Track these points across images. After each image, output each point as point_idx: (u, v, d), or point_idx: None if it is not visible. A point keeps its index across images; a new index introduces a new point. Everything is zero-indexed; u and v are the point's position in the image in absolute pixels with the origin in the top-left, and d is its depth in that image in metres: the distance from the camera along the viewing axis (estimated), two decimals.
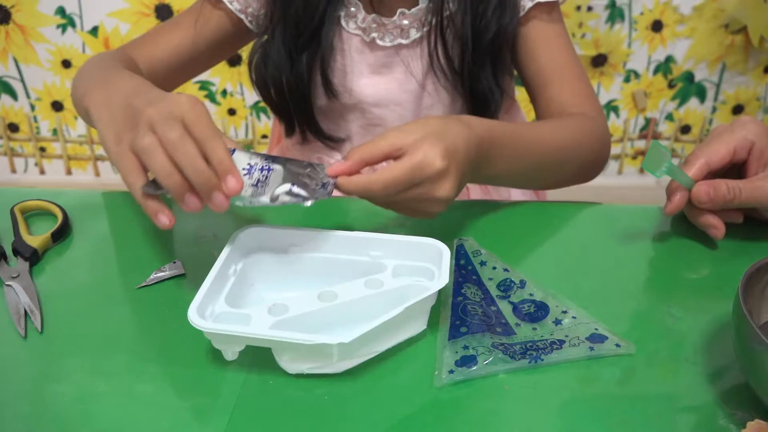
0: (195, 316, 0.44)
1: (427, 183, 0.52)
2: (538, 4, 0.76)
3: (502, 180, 0.69)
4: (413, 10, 0.77)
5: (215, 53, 0.83)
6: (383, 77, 0.80)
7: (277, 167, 0.51)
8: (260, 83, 0.80)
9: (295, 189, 0.51)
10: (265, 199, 0.50)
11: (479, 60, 0.76)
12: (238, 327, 0.44)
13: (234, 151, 0.50)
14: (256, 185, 0.50)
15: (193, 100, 0.49)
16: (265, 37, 0.78)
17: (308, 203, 0.51)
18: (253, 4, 0.78)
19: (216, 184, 0.47)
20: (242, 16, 0.79)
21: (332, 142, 0.84)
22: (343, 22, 0.78)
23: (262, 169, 0.51)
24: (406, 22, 0.77)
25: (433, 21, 0.75)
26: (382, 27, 0.77)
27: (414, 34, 0.78)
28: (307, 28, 0.75)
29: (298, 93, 0.78)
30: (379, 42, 0.78)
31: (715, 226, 0.58)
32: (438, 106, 0.82)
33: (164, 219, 0.48)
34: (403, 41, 0.78)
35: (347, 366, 0.45)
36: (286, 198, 0.50)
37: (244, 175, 0.50)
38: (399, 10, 0.76)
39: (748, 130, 0.58)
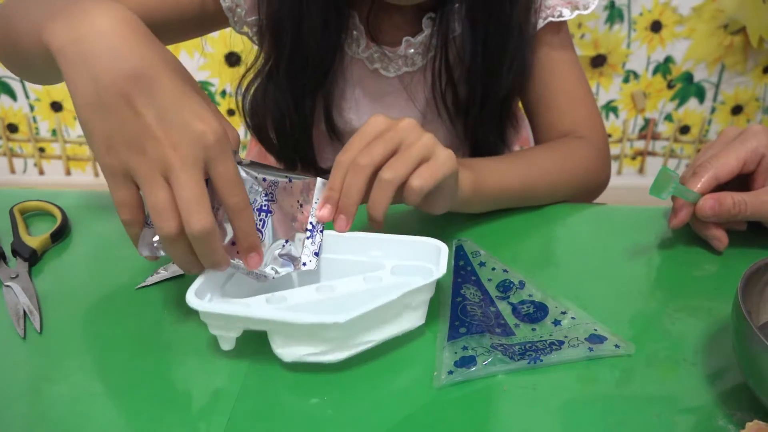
0: (193, 297, 0.44)
1: (396, 130, 0.51)
2: (548, 24, 0.72)
3: (488, 209, 0.66)
4: (419, 37, 0.73)
5: (188, 29, 0.75)
6: (384, 106, 0.77)
7: (275, 206, 0.50)
8: (258, 125, 0.75)
9: (287, 248, 0.50)
10: (262, 272, 0.49)
11: (488, 114, 0.74)
12: (234, 308, 0.45)
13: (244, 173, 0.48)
14: None
15: (217, 130, 0.42)
16: (253, 70, 0.73)
17: (299, 269, 0.50)
18: (244, 5, 0.73)
19: (228, 263, 0.46)
20: (229, 15, 0.73)
21: (329, 173, 0.82)
22: (345, 46, 0.73)
23: (260, 210, 0.49)
24: (411, 50, 0.73)
25: (438, 46, 0.71)
26: (385, 57, 0.74)
27: (419, 62, 0.74)
28: (318, 68, 0.70)
29: (303, 135, 0.75)
30: (382, 72, 0.75)
31: (719, 238, 0.58)
32: (438, 135, 0.79)
33: (152, 258, 0.49)
34: (408, 69, 0.75)
35: (344, 356, 0.45)
36: (277, 268, 0.49)
37: None
38: (404, 39, 0.73)
39: (760, 141, 0.56)
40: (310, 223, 0.51)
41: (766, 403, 0.41)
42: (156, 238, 0.46)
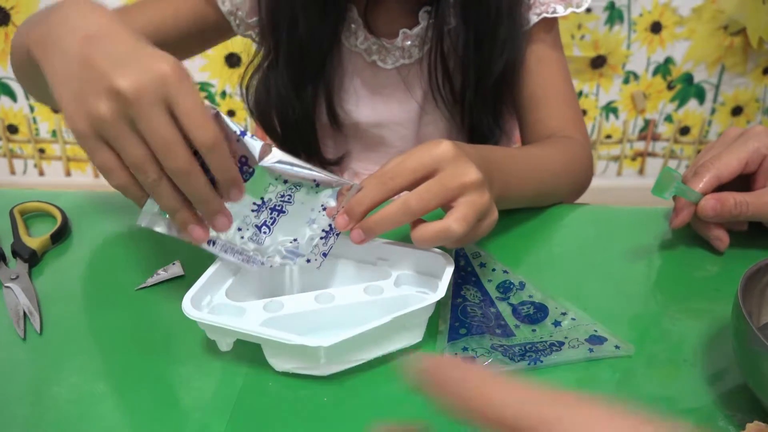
0: (188, 305, 0.45)
1: (443, 165, 0.47)
2: (541, 20, 0.73)
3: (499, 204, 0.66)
4: (415, 29, 0.74)
5: (192, 44, 0.77)
6: (383, 98, 0.79)
7: (290, 207, 0.49)
8: (262, 115, 0.77)
9: (294, 244, 0.49)
10: (255, 263, 0.49)
11: (481, 97, 0.74)
12: (227, 320, 0.44)
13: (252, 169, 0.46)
14: (259, 228, 0.48)
15: (175, 66, 0.41)
16: (257, 59, 0.76)
17: (302, 263, 0.50)
18: (244, 7, 0.75)
19: (221, 207, 0.45)
20: (230, 19, 0.75)
21: (332, 166, 0.83)
22: (343, 39, 0.75)
23: (273, 209, 0.48)
24: (408, 42, 0.75)
25: (434, 38, 0.73)
26: (383, 49, 0.76)
27: (416, 54, 0.76)
28: (316, 56, 0.72)
29: (306, 124, 0.76)
30: (380, 64, 0.76)
31: (720, 238, 0.58)
32: (437, 125, 0.80)
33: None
34: (406, 61, 0.76)
35: (334, 370, 0.45)
36: (277, 261, 0.49)
37: (252, 211, 0.48)
38: (401, 31, 0.74)
39: (761, 142, 0.56)
40: (329, 225, 0.50)
41: (766, 405, 0.41)
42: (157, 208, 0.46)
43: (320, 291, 0.49)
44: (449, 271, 0.49)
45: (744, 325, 0.40)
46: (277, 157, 0.46)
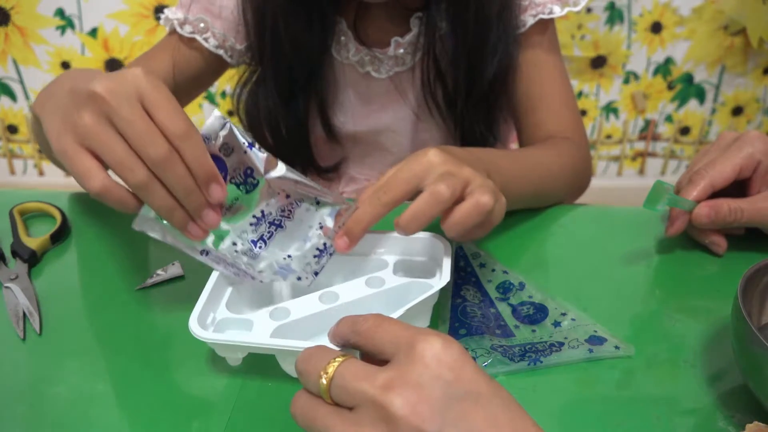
0: (196, 326, 0.44)
1: (433, 172, 0.48)
2: (537, 22, 0.73)
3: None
4: (407, 37, 0.74)
5: (195, 87, 0.79)
6: (377, 106, 0.78)
7: (289, 223, 0.48)
8: (253, 127, 0.77)
9: (287, 261, 0.49)
10: (246, 277, 0.48)
11: (474, 103, 0.74)
12: (239, 336, 0.44)
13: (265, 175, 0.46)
14: (254, 243, 0.48)
15: (145, 70, 0.43)
16: (247, 71, 0.76)
17: (287, 280, 0.50)
18: (231, 37, 0.75)
19: (205, 202, 0.43)
20: (221, 52, 0.75)
21: (329, 173, 0.83)
22: (334, 52, 0.75)
23: (272, 223, 0.48)
24: (401, 50, 0.74)
25: (426, 44, 0.72)
26: (376, 60, 0.75)
27: (409, 61, 0.75)
28: (302, 71, 0.72)
29: (298, 135, 0.76)
30: (374, 74, 0.76)
31: (718, 243, 0.58)
32: (432, 131, 0.80)
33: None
34: (399, 69, 0.76)
35: None
36: (268, 277, 0.49)
37: (250, 224, 0.47)
38: (393, 39, 0.74)
39: (755, 148, 0.56)
40: (324, 244, 0.50)
41: (765, 405, 0.41)
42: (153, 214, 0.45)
43: (323, 290, 0.49)
44: (448, 252, 0.49)
45: (744, 326, 0.40)
46: (282, 171, 0.47)
